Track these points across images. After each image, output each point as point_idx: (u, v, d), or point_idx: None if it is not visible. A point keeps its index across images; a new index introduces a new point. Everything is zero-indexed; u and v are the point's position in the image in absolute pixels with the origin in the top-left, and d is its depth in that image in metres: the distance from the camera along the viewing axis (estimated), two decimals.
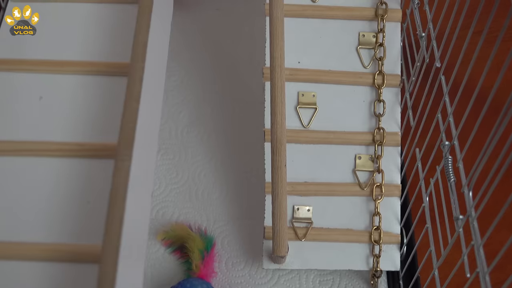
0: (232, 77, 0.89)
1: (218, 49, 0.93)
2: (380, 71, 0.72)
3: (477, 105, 0.52)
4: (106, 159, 0.54)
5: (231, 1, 0.99)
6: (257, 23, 0.94)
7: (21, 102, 0.59)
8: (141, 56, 0.51)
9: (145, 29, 0.53)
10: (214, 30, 0.95)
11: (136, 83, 0.49)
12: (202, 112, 0.86)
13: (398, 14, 0.73)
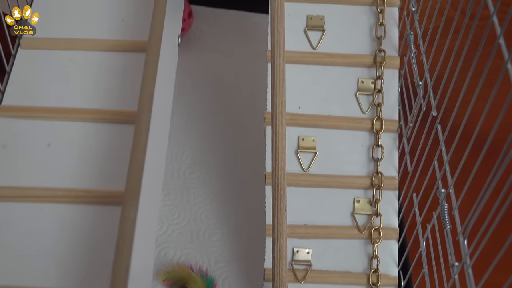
0: (234, 118, 0.91)
1: (221, 90, 0.95)
2: (379, 116, 0.73)
3: (475, 149, 0.53)
4: (112, 206, 0.55)
5: (232, 43, 1.02)
6: (258, 64, 0.96)
7: (29, 149, 0.61)
8: (148, 106, 0.53)
9: (151, 79, 0.54)
10: (217, 72, 0.97)
11: (143, 133, 0.51)
12: (205, 153, 0.88)
13: (396, 61, 0.75)
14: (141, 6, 0.71)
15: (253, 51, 1.00)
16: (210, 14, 1.06)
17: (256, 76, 0.96)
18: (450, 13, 0.61)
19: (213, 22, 1.05)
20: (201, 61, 0.98)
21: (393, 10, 0.76)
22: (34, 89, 0.65)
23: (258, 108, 0.91)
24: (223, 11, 1.07)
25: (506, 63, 0.47)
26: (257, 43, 1.01)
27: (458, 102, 0.56)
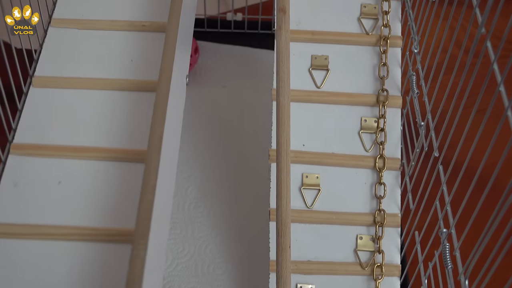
0: (238, 153, 0.93)
1: (226, 125, 0.96)
2: (381, 155, 0.75)
3: (477, 186, 0.54)
4: (121, 244, 0.57)
5: (237, 79, 1.04)
6: (262, 100, 0.98)
7: (40, 186, 0.62)
8: (157, 148, 0.54)
9: (161, 121, 0.56)
10: (222, 106, 0.99)
11: (152, 175, 0.52)
12: (209, 187, 0.89)
13: (399, 101, 0.76)
14: (150, 46, 0.73)
15: (258, 86, 1.02)
16: (216, 50, 1.08)
17: (261, 112, 0.97)
18: (453, 51, 0.63)
19: (219, 58, 1.07)
20: (206, 96, 1.00)
21: (396, 50, 0.78)
22: (45, 127, 0.66)
23: (262, 143, 0.92)
24: (228, 47, 1.09)
25: (506, 110, 0.48)
26: (262, 79, 1.03)
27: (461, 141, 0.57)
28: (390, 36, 0.78)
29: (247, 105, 0.99)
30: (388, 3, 0.79)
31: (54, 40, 0.74)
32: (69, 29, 0.75)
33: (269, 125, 0.74)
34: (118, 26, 0.75)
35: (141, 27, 0.74)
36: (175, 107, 0.62)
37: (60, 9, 0.77)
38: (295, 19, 0.79)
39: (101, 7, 0.77)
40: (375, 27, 0.79)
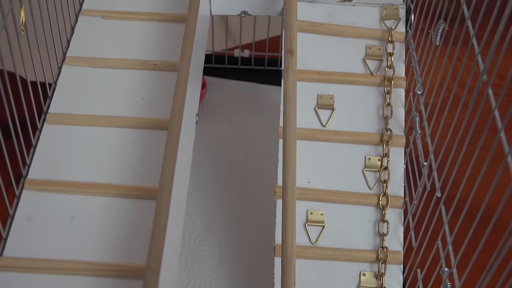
0: (244, 188, 0.95)
1: (232, 160, 0.98)
2: (385, 193, 0.76)
3: (479, 225, 0.56)
4: (132, 279, 0.58)
5: (244, 114, 1.06)
6: (268, 135, 1.00)
7: (53, 222, 0.64)
8: (168, 187, 0.56)
9: (172, 161, 0.58)
10: (228, 141, 1.01)
11: (163, 213, 0.54)
12: (215, 221, 0.91)
13: (402, 140, 0.78)
14: (161, 84, 0.75)
15: (264, 121, 1.04)
16: (223, 85, 1.10)
17: (267, 147, 0.99)
18: (455, 90, 0.65)
19: (226, 93, 1.09)
20: (213, 131, 1.02)
21: (400, 91, 0.80)
22: (58, 163, 0.68)
23: (268, 178, 0.94)
24: (235, 83, 1.11)
25: (506, 156, 0.50)
26: (268, 114, 1.05)
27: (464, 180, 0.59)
28: (394, 77, 0.80)
29: (253, 140, 1.01)
30: (393, 45, 0.81)
31: (68, 77, 0.77)
32: (83, 67, 0.77)
33: (275, 160, 0.75)
34: (130, 64, 0.77)
35: (153, 66, 0.77)
36: (185, 146, 0.64)
37: (74, 47, 0.80)
38: (301, 59, 0.81)
39: (114, 46, 0.80)
40: (380, 68, 0.81)
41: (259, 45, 1.16)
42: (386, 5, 0.84)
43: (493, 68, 0.54)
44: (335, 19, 0.84)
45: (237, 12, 0.86)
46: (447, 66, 0.68)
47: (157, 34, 0.81)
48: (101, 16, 0.83)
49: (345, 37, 0.83)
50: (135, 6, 0.84)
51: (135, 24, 0.82)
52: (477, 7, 0.60)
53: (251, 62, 1.14)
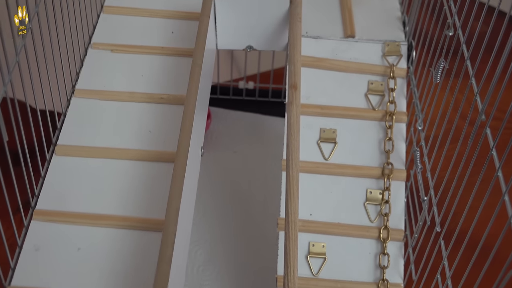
0: (247, 217, 0.96)
1: (235, 190, 0.99)
2: (386, 226, 0.77)
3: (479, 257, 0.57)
4: None
5: (248, 144, 1.07)
6: (272, 165, 1.01)
7: (60, 252, 0.65)
8: (174, 220, 0.57)
9: (178, 194, 0.59)
10: (232, 171, 1.02)
11: (169, 246, 0.55)
12: (217, 251, 0.92)
13: (403, 174, 0.79)
14: (168, 117, 0.77)
15: (268, 152, 1.06)
16: (228, 116, 1.12)
17: (270, 177, 1.01)
18: (453, 121, 0.66)
19: (231, 124, 1.11)
20: (217, 161, 1.04)
21: (401, 126, 0.82)
22: (66, 194, 0.70)
23: (271, 208, 0.95)
24: (239, 113, 1.13)
25: (504, 194, 0.52)
26: (271, 145, 1.07)
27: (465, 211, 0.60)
28: (395, 112, 0.81)
29: (257, 170, 1.03)
30: (394, 80, 0.83)
31: (77, 109, 0.78)
32: (91, 99, 0.79)
33: (278, 190, 0.77)
34: (138, 97, 0.79)
35: (160, 99, 0.79)
36: (190, 179, 0.66)
37: (83, 80, 0.82)
38: (305, 93, 0.83)
39: (122, 79, 0.82)
40: (382, 103, 0.83)
41: (264, 77, 1.18)
42: (388, 42, 0.87)
43: (494, 100, 0.55)
44: (338, 55, 0.86)
45: (242, 46, 0.88)
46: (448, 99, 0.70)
47: (164, 68, 0.83)
48: (110, 50, 0.85)
49: (348, 72, 0.85)
50: (143, 40, 0.86)
51: (143, 58, 0.84)
52: (478, 43, 0.61)
53: (256, 93, 1.16)
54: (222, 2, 0.83)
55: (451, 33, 0.69)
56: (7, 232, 0.59)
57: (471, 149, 0.60)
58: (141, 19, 0.90)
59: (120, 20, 0.90)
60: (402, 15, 0.93)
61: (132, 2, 0.92)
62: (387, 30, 0.90)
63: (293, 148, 0.74)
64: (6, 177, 0.57)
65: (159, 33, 0.87)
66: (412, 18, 0.88)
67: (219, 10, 0.84)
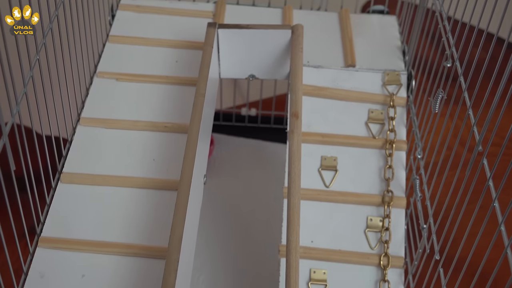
0: (249, 244, 0.97)
1: (237, 216, 1.00)
2: (386, 253, 0.78)
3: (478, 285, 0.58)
4: None
5: (250, 170, 1.08)
6: (273, 191, 1.02)
7: (65, 279, 0.66)
8: (177, 248, 0.58)
9: (181, 223, 0.60)
10: (234, 197, 1.03)
11: (172, 273, 0.56)
12: (220, 277, 0.92)
13: (403, 201, 0.80)
14: (171, 146, 0.78)
15: (270, 178, 1.07)
16: (230, 142, 1.13)
17: (272, 203, 1.02)
18: (451, 147, 0.67)
19: (233, 150, 1.12)
20: (220, 186, 1.05)
21: (401, 154, 0.83)
22: (71, 222, 0.71)
23: (273, 233, 0.96)
24: (242, 140, 1.14)
25: (500, 224, 0.53)
26: (273, 171, 1.08)
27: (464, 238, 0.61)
28: (395, 140, 0.83)
29: (259, 196, 1.04)
30: (394, 109, 0.85)
31: (82, 138, 0.80)
32: (96, 127, 0.81)
33: (280, 215, 0.78)
34: (142, 126, 0.81)
35: (164, 127, 0.80)
36: (193, 207, 0.67)
37: (88, 108, 0.83)
38: (306, 121, 0.84)
39: (126, 107, 0.83)
40: (382, 131, 0.84)
41: (266, 103, 1.19)
42: (388, 71, 0.88)
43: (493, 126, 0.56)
44: (339, 84, 0.87)
45: (245, 76, 0.90)
46: (448, 126, 0.71)
47: (168, 96, 0.84)
48: (115, 78, 0.87)
49: (348, 101, 0.86)
50: (148, 68, 0.88)
51: (147, 87, 0.86)
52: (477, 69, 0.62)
53: (258, 120, 1.17)
54: (225, 32, 0.85)
55: (449, 64, 0.71)
56: (12, 256, 0.60)
57: (469, 177, 0.61)
58: (146, 48, 0.92)
59: (125, 49, 0.91)
60: (402, 45, 0.95)
61: (137, 31, 0.94)
62: (387, 59, 0.91)
63: (294, 176, 0.75)
64: (11, 202, 0.58)
65: (163, 62, 0.89)
66: (411, 48, 0.90)
67: (222, 40, 0.85)
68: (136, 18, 0.97)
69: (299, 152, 0.77)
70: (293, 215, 0.73)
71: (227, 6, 1.00)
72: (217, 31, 0.84)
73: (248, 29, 0.84)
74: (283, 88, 1.22)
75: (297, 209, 0.73)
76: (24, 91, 0.61)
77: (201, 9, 0.99)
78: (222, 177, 1.07)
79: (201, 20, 0.97)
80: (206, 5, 1.01)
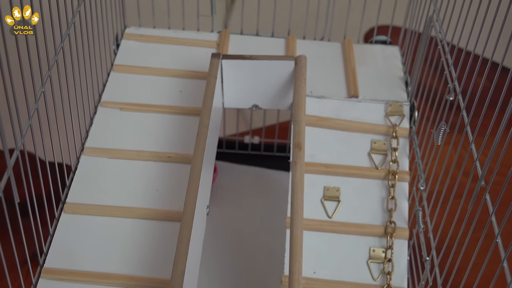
0: (251, 272, 0.96)
1: (240, 244, 1.00)
2: (389, 284, 0.78)
3: None
4: None
5: (252, 198, 1.09)
6: (276, 219, 1.02)
7: None
8: (179, 282, 0.58)
9: (183, 257, 0.60)
10: (237, 225, 1.03)
11: None
12: None
13: (405, 232, 0.80)
14: (175, 176, 0.79)
15: (272, 206, 1.07)
16: (233, 170, 1.14)
17: (274, 232, 1.01)
18: (454, 178, 0.68)
19: (236, 178, 1.12)
20: (222, 215, 1.05)
21: (404, 185, 0.83)
22: (74, 252, 0.71)
23: (275, 263, 0.96)
24: (245, 167, 1.15)
25: (503, 261, 0.53)
26: (276, 199, 1.08)
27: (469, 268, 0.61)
28: (398, 171, 0.83)
29: (262, 224, 1.04)
30: (397, 140, 0.85)
31: (86, 167, 0.80)
32: (100, 157, 0.81)
33: (282, 244, 0.77)
34: (145, 156, 0.81)
35: (167, 158, 0.80)
36: (196, 239, 0.67)
37: (92, 138, 0.84)
38: (309, 151, 0.84)
39: (130, 137, 0.84)
40: (384, 162, 0.84)
41: (269, 131, 1.20)
42: (391, 102, 0.89)
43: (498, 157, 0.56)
44: (342, 114, 0.88)
45: (248, 105, 0.90)
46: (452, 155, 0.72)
47: (172, 126, 0.85)
48: (119, 108, 0.87)
49: (351, 131, 0.87)
50: (152, 98, 0.89)
51: (151, 116, 0.86)
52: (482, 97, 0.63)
53: (261, 147, 1.18)
54: (229, 63, 0.85)
55: (451, 98, 0.71)
56: (14, 284, 0.61)
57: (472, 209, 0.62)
58: (150, 78, 0.92)
59: (130, 79, 0.92)
60: (404, 75, 0.95)
61: (141, 61, 0.95)
62: (390, 90, 0.92)
63: (297, 207, 0.75)
64: (13, 228, 0.58)
65: (167, 91, 0.90)
66: (414, 78, 0.90)
67: (226, 70, 0.86)
68: (141, 48, 0.98)
69: (302, 183, 0.77)
70: (296, 246, 0.73)
71: (231, 35, 1.01)
72: (221, 61, 0.85)
73: (251, 60, 0.85)
74: (286, 115, 1.22)
75: (300, 240, 0.74)
76: (29, 123, 0.62)
77: (205, 38, 1.00)
78: (224, 205, 1.07)
79: (205, 49, 0.98)
80: (210, 34, 1.01)
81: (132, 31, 1.01)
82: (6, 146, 0.53)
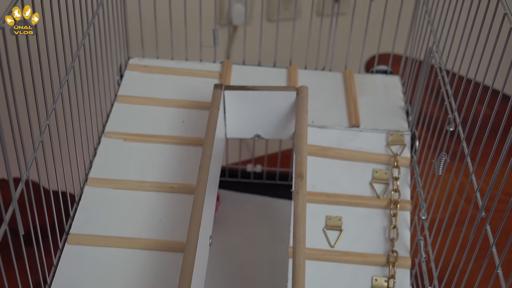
0: None
1: (242, 274, 1.00)
2: None
3: None
4: None
5: (255, 227, 1.09)
6: (278, 248, 1.02)
7: None
8: None
9: (187, 287, 0.61)
10: (240, 254, 1.03)
11: None
12: None
13: (408, 262, 0.80)
14: (177, 207, 0.79)
15: (275, 235, 1.07)
16: (236, 198, 1.14)
17: (276, 260, 1.02)
18: (456, 206, 0.68)
19: (238, 206, 1.13)
20: (225, 243, 1.05)
21: (405, 214, 0.84)
22: (77, 284, 0.71)
23: None
24: (247, 196, 1.15)
25: None
26: (279, 227, 1.08)
27: None
28: (399, 200, 0.83)
29: (264, 253, 1.04)
30: (398, 169, 0.86)
31: (89, 198, 0.81)
32: (103, 188, 0.82)
33: (284, 273, 0.77)
34: (148, 187, 0.82)
35: (170, 188, 0.81)
36: (199, 269, 0.67)
37: (96, 168, 0.84)
38: (311, 181, 0.85)
39: (133, 168, 0.84)
40: (386, 191, 0.85)
41: (271, 159, 1.21)
42: (392, 132, 0.89)
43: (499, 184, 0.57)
44: (343, 144, 0.89)
45: (250, 135, 0.91)
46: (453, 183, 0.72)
47: (175, 157, 0.85)
48: (122, 138, 0.88)
49: (353, 161, 0.87)
50: (155, 129, 0.90)
51: (154, 147, 0.87)
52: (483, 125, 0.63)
53: (263, 176, 1.18)
54: (231, 94, 0.86)
55: (451, 129, 0.72)
56: None
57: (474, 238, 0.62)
58: (153, 108, 0.93)
59: (133, 109, 0.93)
60: (405, 105, 0.96)
61: (144, 91, 0.96)
62: (391, 119, 0.93)
63: (299, 237, 0.75)
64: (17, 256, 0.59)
65: (170, 122, 0.91)
66: (415, 108, 0.91)
67: (228, 101, 0.87)
68: (144, 78, 0.99)
69: (304, 212, 0.77)
70: (298, 276, 0.73)
71: (233, 66, 1.02)
72: (223, 92, 0.86)
73: (253, 91, 0.86)
74: (288, 143, 1.23)
75: (302, 269, 0.74)
76: (34, 156, 0.63)
77: (208, 69, 1.01)
78: (227, 234, 1.07)
79: (207, 80, 0.99)
80: (212, 65, 1.02)
81: (136, 61, 1.02)
82: (11, 176, 0.54)
